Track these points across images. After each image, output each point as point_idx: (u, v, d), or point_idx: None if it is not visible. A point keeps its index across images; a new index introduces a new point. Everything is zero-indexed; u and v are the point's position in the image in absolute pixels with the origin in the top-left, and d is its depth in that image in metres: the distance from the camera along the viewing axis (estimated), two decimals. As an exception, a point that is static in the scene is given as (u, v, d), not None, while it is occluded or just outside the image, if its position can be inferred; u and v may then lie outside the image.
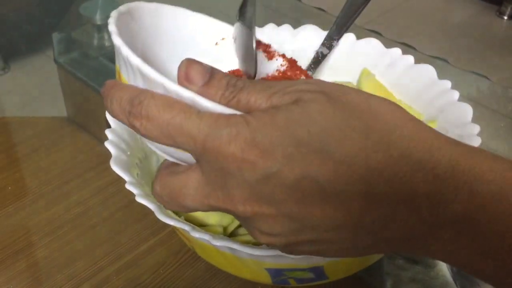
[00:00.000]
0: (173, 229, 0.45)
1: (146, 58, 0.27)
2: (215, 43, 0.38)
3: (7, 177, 0.56)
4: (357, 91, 0.26)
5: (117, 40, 0.28)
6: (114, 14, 0.30)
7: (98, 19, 0.70)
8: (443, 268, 0.46)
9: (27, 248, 0.49)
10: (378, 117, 0.25)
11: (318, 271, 0.36)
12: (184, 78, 0.26)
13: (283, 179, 0.24)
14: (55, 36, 0.70)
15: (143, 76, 0.27)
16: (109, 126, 0.41)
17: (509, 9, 0.85)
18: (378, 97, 0.26)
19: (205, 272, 0.46)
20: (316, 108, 0.24)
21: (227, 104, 0.26)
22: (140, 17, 0.33)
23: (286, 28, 0.53)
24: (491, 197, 0.24)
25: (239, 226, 0.40)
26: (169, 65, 0.35)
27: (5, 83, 0.73)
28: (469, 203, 0.24)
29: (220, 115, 0.25)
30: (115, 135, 0.40)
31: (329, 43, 0.51)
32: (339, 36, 0.51)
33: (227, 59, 0.38)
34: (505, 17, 0.83)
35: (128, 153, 0.40)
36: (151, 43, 0.34)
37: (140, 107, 0.25)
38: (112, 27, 0.29)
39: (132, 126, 0.26)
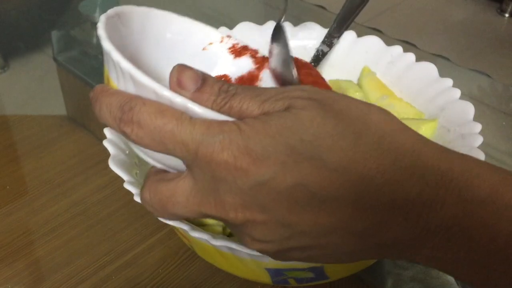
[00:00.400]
0: (172, 229, 0.45)
1: (135, 63, 0.27)
2: (202, 48, 0.38)
3: (7, 176, 0.56)
4: (348, 99, 0.26)
5: (106, 45, 0.28)
6: (102, 18, 0.30)
7: (97, 17, 0.70)
8: (444, 267, 0.46)
9: (26, 247, 0.49)
10: (369, 125, 0.25)
11: (318, 271, 0.36)
12: (176, 84, 0.26)
13: (276, 186, 0.24)
14: (54, 34, 0.70)
15: (134, 81, 0.26)
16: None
17: (510, 6, 0.84)
18: (369, 105, 0.26)
19: (204, 271, 0.46)
20: (308, 116, 0.24)
21: (219, 110, 0.26)
22: (129, 21, 0.33)
23: (286, 25, 0.52)
24: (479, 203, 0.25)
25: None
26: (158, 69, 0.34)
27: (4, 81, 0.72)
28: (457, 209, 0.24)
29: (212, 122, 0.25)
30: (114, 134, 0.40)
31: (329, 41, 0.51)
32: (340, 34, 0.51)
33: (214, 64, 0.38)
34: (506, 15, 0.83)
35: (127, 152, 0.40)
36: (139, 47, 0.34)
37: (131, 113, 0.25)
38: (101, 32, 0.29)
39: (123, 133, 0.26)
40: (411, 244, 0.26)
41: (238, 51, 0.39)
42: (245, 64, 0.39)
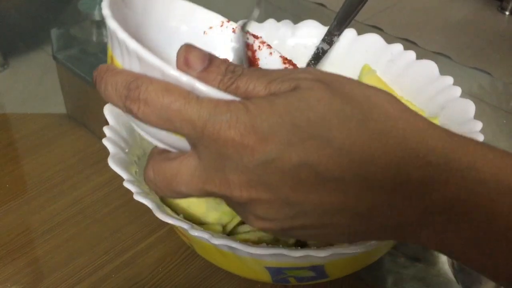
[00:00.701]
0: (172, 227, 0.45)
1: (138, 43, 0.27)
2: (203, 32, 0.38)
3: (6, 174, 0.55)
4: (354, 82, 0.26)
5: (112, 24, 0.28)
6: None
7: (96, 15, 0.70)
8: (445, 266, 0.46)
9: (25, 245, 0.48)
10: (375, 107, 0.25)
11: (318, 270, 0.36)
12: (183, 63, 0.26)
13: (282, 165, 0.24)
14: (54, 32, 0.70)
15: (141, 60, 0.26)
16: (108, 123, 0.41)
17: (510, 4, 0.84)
18: (375, 88, 0.27)
19: (204, 270, 0.46)
20: (315, 96, 0.25)
21: (226, 90, 0.26)
22: (132, 3, 0.33)
23: (287, 23, 0.52)
24: (482, 184, 0.25)
25: (239, 224, 0.40)
26: (159, 52, 0.34)
27: (4, 79, 0.72)
28: (460, 190, 0.25)
29: (219, 101, 0.25)
30: (113, 132, 0.40)
31: (329, 39, 0.51)
32: (340, 31, 0.50)
33: (214, 48, 0.38)
34: (507, 13, 0.83)
35: (127, 150, 0.40)
36: (141, 30, 0.34)
37: (138, 91, 0.25)
38: (106, 11, 0.29)
39: (129, 110, 0.26)
40: (412, 225, 0.26)
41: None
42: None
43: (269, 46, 0.40)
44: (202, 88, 0.25)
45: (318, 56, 0.51)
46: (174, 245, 0.48)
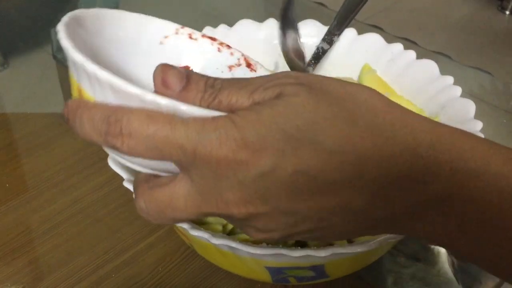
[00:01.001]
0: (172, 227, 0.45)
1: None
2: (159, 42, 0.37)
3: (6, 174, 0.55)
4: (335, 81, 0.26)
5: (77, 56, 0.26)
6: (61, 27, 0.28)
7: (96, 15, 0.70)
8: (445, 265, 0.46)
9: (25, 245, 0.48)
10: (360, 104, 0.25)
11: (318, 270, 0.36)
12: (161, 84, 0.26)
13: (277, 176, 0.24)
14: (54, 32, 0.70)
15: (115, 90, 0.25)
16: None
17: (510, 4, 0.84)
18: (358, 84, 0.27)
19: (204, 270, 0.46)
20: (300, 102, 0.24)
21: (208, 107, 0.25)
22: (85, 24, 0.32)
23: (286, 23, 0.52)
24: (471, 174, 0.25)
25: (239, 224, 0.40)
26: (120, 69, 0.34)
27: (4, 79, 0.72)
28: (449, 181, 0.25)
29: (205, 120, 0.24)
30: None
31: (329, 39, 0.51)
32: (340, 31, 0.50)
33: (173, 57, 0.37)
34: (507, 12, 0.83)
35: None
36: (99, 49, 0.33)
37: (119, 124, 0.24)
38: (65, 42, 0.27)
39: (112, 146, 0.25)
40: (405, 219, 0.26)
41: (196, 39, 0.39)
42: (209, 50, 0.38)
43: (229, 47, 0.39)
44: (185, 108, 0.24)
45: (318, 55, 0.51)
46: (174, 244, 0.48)
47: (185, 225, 0.34)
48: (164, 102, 0.24)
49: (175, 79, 0.26)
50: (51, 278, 0.46)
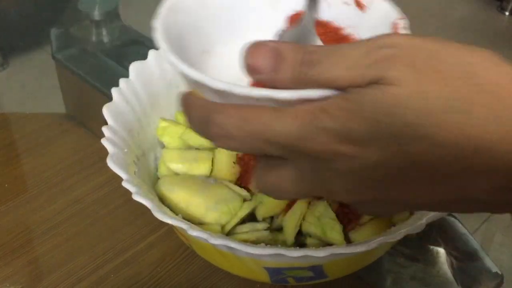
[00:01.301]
0: (171, 227, 0.45)
1: (205, 44, 0.26)
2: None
3: (6, 174, 0.55)
4: (449, 53, 0.23)
5: (182, 67, 0.27)
6: (159, 25, 0.29)
7: (96, 15, 0.70)
8: (444, 266, 0.46)
9: (25, 245, 0.48)
10: (479, 84, 0.22)
11: (317, 270, 0.36)
12: (251, 69, 0.25)
13: (385, 168, 0.23)
14: (53, 32, 0.70)
15: (211, 90, 0.26)
16: (107, 123, 0.41)
17: (510, 5, 0.84)
18: (470, 51, 0.23)
19: (203, 270, 0.46)
20: (405, 93, 0.22)
21: (304, 86, 0.24)
22: (186, 6, 0.32)
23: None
24: None
25: (237, 224, 0.40)
26: (231, 40, 0.33)
27: (4, 79, 0.72)
28: None
29: (302, 112, 0.24)
30: (112, 132, 0.40)
31: (329, 39, 0.50)
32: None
33: (285, 8, 0.36)
34: (507, 13, 0.83)
35: (126, 150, 0.40)
36: (203, 22, 0.33)
37: (216, 128, 0.25)
38: (172, 58, 0.27)
39: (214, 143, 0.26)
40: None
41: None
42: None
43: None
44: (279, 96, 0.24)
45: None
46: (173, 244, 0.48)
47: (183, 226, 0.34)
48: (258, 95, 0.24)
49: (265, 61, 0.25)
50: (50, 278, 0.46)
